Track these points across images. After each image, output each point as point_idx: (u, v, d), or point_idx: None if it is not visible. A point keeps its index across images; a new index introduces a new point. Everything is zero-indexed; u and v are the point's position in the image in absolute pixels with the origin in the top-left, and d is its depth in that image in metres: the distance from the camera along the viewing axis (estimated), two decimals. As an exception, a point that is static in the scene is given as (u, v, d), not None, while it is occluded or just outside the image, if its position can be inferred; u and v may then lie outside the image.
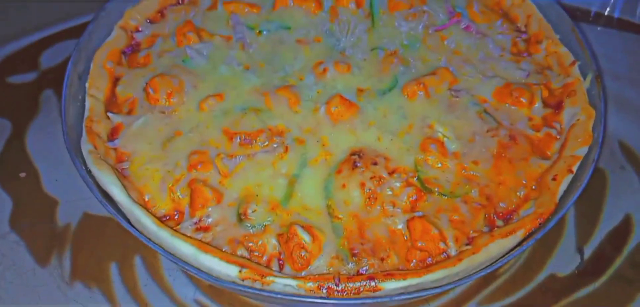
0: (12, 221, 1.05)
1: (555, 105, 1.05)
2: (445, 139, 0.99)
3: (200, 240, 0.84)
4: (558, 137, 1.00)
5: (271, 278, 0.78)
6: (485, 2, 1.26)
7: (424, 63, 1.12)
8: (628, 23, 1.48)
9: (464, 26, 1.19)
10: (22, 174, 1.12)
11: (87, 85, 1.05)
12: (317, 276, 0.80)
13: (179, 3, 1.29)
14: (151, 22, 1.23)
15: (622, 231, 1.03)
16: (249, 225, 0.87)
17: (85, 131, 0.96)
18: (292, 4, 1.23)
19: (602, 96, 1.01)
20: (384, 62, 1.12)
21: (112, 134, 1.00)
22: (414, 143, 0.98)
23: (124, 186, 0.88)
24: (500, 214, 0.90)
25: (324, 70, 1.10)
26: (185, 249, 0.80)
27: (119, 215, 0.86)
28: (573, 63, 1.09)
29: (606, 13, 1.51)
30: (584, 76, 1.08)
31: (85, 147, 0.92)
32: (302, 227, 0.84)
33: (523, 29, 1.22)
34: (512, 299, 0.95)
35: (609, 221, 1.04)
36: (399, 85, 1.08)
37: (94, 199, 0.87)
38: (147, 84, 1.05)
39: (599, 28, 1.47)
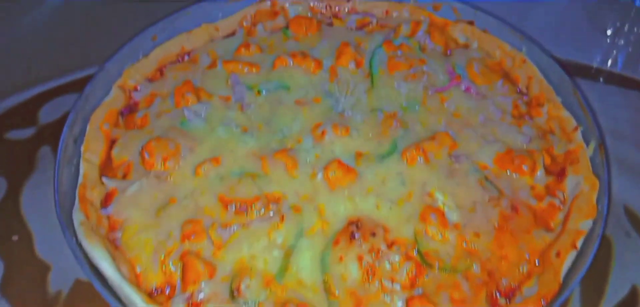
0: (3, 287, 1.03)
1: (558, 173, 1.03)
2: (445, 208, 0.96)
3: (190, 319, 0.81)
4: (561, 207, 0.98)
5: (263, 363, 0.76)
6: (486, 62, 1.26)
7: (424, 126, 1.11)
8: (631, 80, 1.46)
9: (464, 88, 1.18)
10: (15, 237, 1.10)
11: (82, 148, 1.04)
12: (311, 360, 0.77)
13: (178, 61, 1.30)
14: (150, 80, 1.23)
15: (628, 305, 1.00)
16: (241, 302, 0.84)
17: (78, 199, 0.94)
18: (291, 64, 1.23)
19: (605, 166, 0.99)
20: (383, 124, 1.11)
21: (106, 200, 0.99)
22: (414, 212, 0.96)
23: (115, 258, 0.86)
24: (503, 291, 0.87)
25: (323, 133, 1.08)
26: (175, 329, 0.78)
27: (107, 292, 0.83)
28: (575, 129, 1.07)
29: (608, 68, 1.50)
30: (587, 141, 1.06)
31: (77, 217, 0.90)
32: (297, 306, 0.81)
33: (524, 90, 1.20)
34: None
35: (615, 293, 1.01)
36: (398, 149, 1.06)
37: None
38: (143, 148, 1.03)
39: (600, 84, 1.46)
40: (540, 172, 1.01)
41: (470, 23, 1.33)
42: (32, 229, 1.11)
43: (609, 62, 1.52)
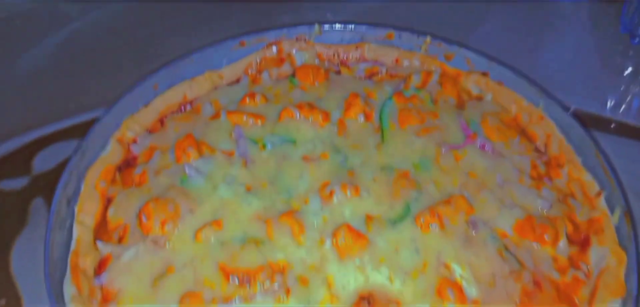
0: (-13, 357, 0.96)
1: (581, 242, 0.97)
2: (463, 281, 0.90)
3: None
4: (585, 280, 0.91)
5: None
6: (501, 117, 1.20)
7: (438, 187, 1.05)
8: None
9: (479, 145, 1.12)
10: (2, 301, 1.03)
11: (76, 209, 0.98)
12: None
13: (180, 111, 1.24)
14: (150, 132, 1.18)
15: None
16: None
17: (70, 269, 0.88)
18: (298, 116, 1.18)
19: (633, 239, 0.92)
20: (395, 184, 1.05)
21: (100, 266, 0.92)
22: (429, 286, 0.89)
23: (107, 339, 0.79)
24: None
25: (331, 193, 1.02)
26: None
27: None
28: (598, 194, 1.01)
29: (624, 119, 1.44)
30: (610, 205, 1.00)
31: (68, 290, 0.84)
32: None
33: (542, 149, 1.15)
34: None
35: None
36: (412, 213, 1.00)
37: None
38: (140, 210, 0.97)
39: (615, 136, 1.39)
40: (562, 242, 0.95)
41: (484, 74, 1.28)
42: (22, 292, 1.04)
43: (625, 111, 1.46)
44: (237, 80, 1.32)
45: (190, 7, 1.75)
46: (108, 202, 1.03)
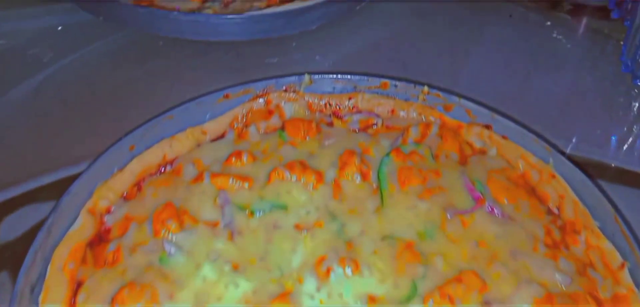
0: None
1: (607, 323, 0.88)
2: None
3: None
4: None
5: None
6: (508, 175, 1.11)
7: (446, 260, 0.95)
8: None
9: (488, 209, 1.03)
10: None
11: (40, 299, 0.86)
12: None
13: (160, 172, 1.14)
14: (126, 199, 1.07)
15: None
16: None
17: None
18: (289, 176, 1.08)
19: (668, 324, 0.83)
20: (399, 259, 0.95)
21: (66, 368, 0.81)
22: None
23: None
24: None
25: (328, 270, 0.92)
26: None
27: None
28: (622, 266, 0.93)
29: (627, 168, 1.36)
30: (635, 279, 0.91)
31: None
32: None
33: (555, 211, 1.06)
34: None
35: None
36: (419, 293, 0.90)
37: None
38: (113, 299, 0.86)
39: (623, 187, 1.31)
40: (587, 325, 0.86)
41: (487, 127, 1.20)
42: None
43: (630, 157, 1.39)
44: (222, 135, 1.22)
45: (173, 50, 1.66)
46: (78, 286, 0.91)
